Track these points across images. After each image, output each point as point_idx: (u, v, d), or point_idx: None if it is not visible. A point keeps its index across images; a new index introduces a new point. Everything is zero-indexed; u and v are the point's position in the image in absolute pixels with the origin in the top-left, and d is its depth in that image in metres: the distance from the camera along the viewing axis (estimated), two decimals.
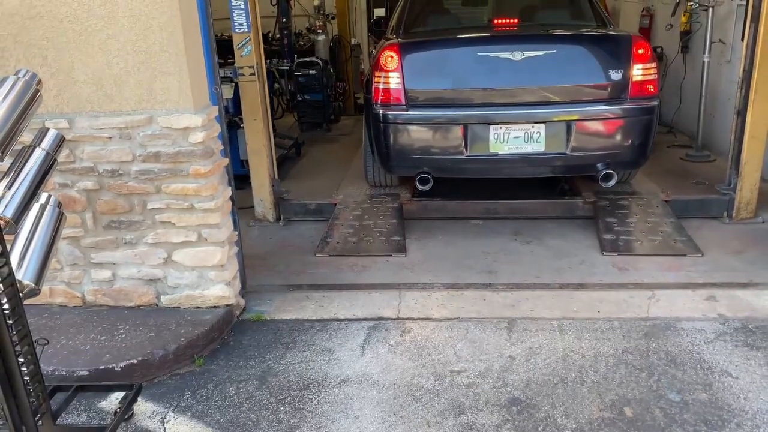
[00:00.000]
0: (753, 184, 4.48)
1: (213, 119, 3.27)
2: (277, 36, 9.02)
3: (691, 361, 2.96)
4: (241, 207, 4.84)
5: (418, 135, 4.30)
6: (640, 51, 4.14)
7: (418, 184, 4.31)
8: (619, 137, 4.26)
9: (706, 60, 5.88)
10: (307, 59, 7.92)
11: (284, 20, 8.62)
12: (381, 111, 4.27)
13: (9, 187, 2.32)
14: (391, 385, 2.87)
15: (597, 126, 4.23)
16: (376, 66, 4.30)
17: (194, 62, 3.13)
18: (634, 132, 4.21)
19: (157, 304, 3.43)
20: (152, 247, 3.33)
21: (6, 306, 2.19)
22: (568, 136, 4.15)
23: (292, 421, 2.68)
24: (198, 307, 3.41)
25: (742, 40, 4.47)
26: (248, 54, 4.50)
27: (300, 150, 6.84)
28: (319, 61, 7.84)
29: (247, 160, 4.91)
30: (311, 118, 7.94)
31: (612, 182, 4.18)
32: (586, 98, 4.21)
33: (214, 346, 3.25)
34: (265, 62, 7.26)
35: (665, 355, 3.01)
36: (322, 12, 10.04)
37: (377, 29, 6.78)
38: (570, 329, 3.25)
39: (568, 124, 4.14)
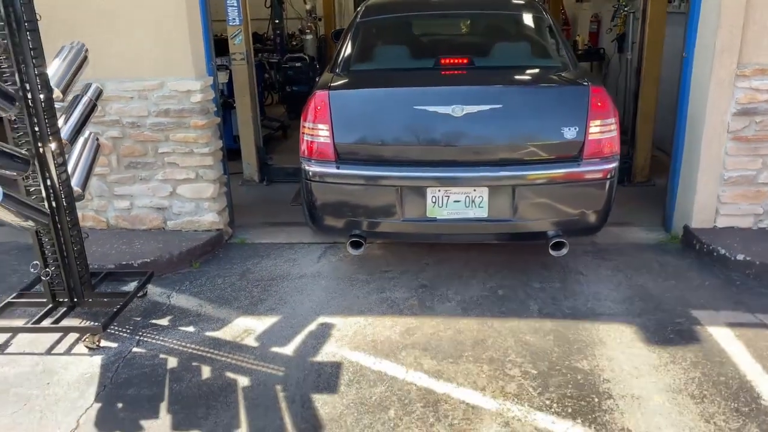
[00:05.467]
0: (645, 154, 5.55)
1: (209, 86, 4.33)
2: (271, 36, 10.13)
3: (557, 267, 4.02)
4: (233, 172, 5.92)
5: (348, 195, 3.76)
6: (598, 104, 3.57)
7: (349, 247, 3.77)
8: (571, 203, 3.68)
9: (629, 57, 6.96)
10: (296, 54, 8.98)
11: (277, 21, 9.71)
12: (308, 167, 3.72)
13: (66, 121, 3.39)
14: (336, 278, 3.94)
15: (547, 191, 3.65)
16: (304, 115, 3.80)
17: (195, 42, 4.20)
18: (589, 198, 3.66)
19: (164, 228, 4.49)
20: (161, 182, 4.39)
21: (64, 200, 3.26)
22: (514, 202, 3.60)
23: (261, 296, 3.74)
24: (195, 230, 4.46)
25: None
26: (240, 43, 5.58)
27: (286, 132, 7.92)
28: (306, 57, 8.90)
29: (238, 136, 5.97)
30: (298, 107, 8.97)
31: (564, 251, 3.66)
32: (535, 159, 3.62)
33: (208, 257, 4.31)
34: (257, 56, 8.33)
35: (540, 264, 4.07)
36: (312, 15, 11.17)
37: (337, 41, 6.03)
38: (474, 248, 4.31)
39: (514, 189, 3.59)
